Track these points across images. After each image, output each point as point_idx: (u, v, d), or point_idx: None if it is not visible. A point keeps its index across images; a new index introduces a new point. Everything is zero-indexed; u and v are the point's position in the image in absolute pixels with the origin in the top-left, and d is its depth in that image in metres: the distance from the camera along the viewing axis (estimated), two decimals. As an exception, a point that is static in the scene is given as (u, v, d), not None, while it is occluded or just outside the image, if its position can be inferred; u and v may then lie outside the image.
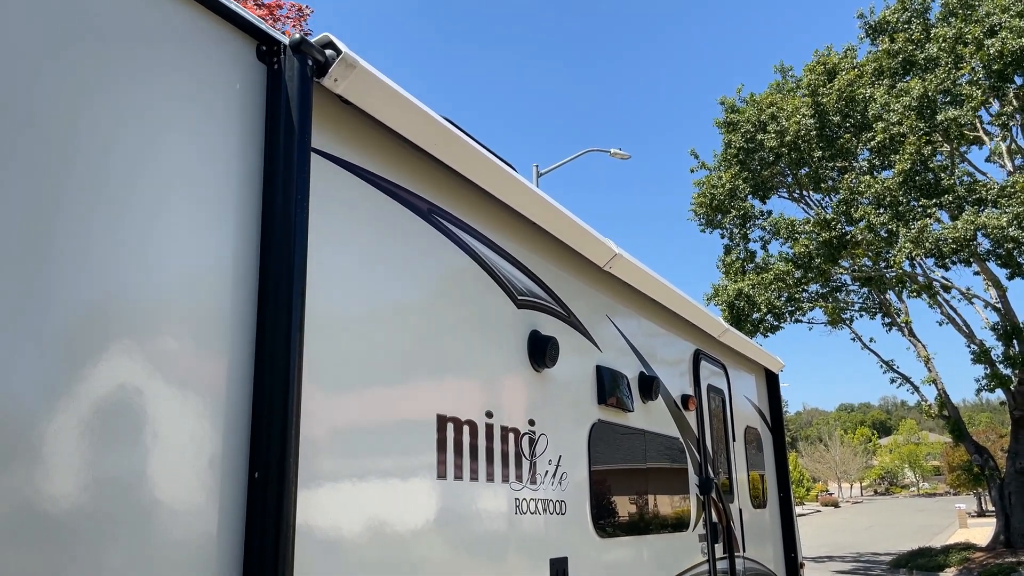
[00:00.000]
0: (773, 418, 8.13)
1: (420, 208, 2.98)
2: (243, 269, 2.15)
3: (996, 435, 50.90)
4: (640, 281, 4.88)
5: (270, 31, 2.34)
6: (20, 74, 1.71)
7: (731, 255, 24.21)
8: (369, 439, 2.56)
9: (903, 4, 21.30)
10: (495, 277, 3.42)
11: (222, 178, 2.15)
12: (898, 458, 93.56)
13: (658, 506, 4.79)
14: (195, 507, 1.93)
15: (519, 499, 3.32)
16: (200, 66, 2.15)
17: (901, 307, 24.01)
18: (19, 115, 1.69)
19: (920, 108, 18.88)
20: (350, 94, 2.53)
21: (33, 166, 1.70)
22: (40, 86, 1.74)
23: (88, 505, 1.71)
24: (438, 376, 2.96)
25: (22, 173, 1.68)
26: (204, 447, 1.98)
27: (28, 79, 1.72)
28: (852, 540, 32.19)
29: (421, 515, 2.75)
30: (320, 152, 2.47)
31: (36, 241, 1.68)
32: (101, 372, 1.77)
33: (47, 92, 1.76)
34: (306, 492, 2.20)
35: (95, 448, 1.73)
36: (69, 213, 1.75)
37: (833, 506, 69.50)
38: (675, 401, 5.32)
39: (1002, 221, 17.41)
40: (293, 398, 2.10)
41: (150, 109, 1.98)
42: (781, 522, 7.80)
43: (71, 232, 1.75)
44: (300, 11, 15.66)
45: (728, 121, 22.74)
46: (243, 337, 2.12)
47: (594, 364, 4.23)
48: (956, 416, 23.37)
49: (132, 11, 1.97)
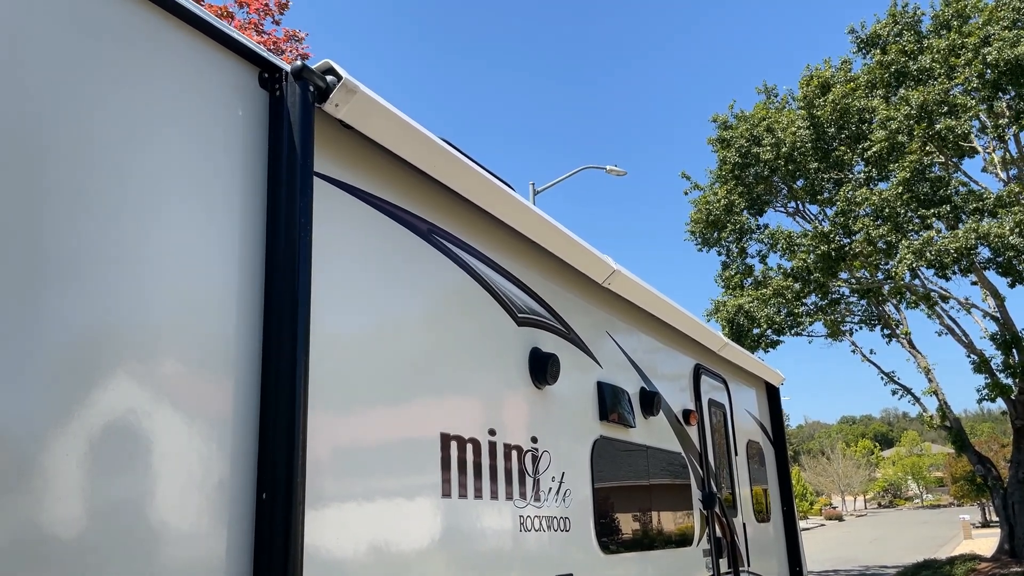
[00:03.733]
0: (775, 432, 8.13)
1: (421, 229, 3.02)
2: (248, 292, 2.18)
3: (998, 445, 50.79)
4: (639, 297, 4.91)
5: (272, 58, 2.38)
6: (26, 101, 1.74)
7: (729, 270, 24.24)
8: (374, 459, 2.58)
9: (894, 18, 21.47)
10: (495, 295, 3.45)
11: (226, 202, 2.18)
12: (901, 470, 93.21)
13: (662, 522, 4.80)
14: (204, 529, 1.95)
15: (523, 516, 3.34)
16: (203, 93, 2.19)
17: (900, 318, 24.02)
18: (25, 143, 1.73)
19: (919, 117, 18.98)
20: (351, 118, 2.57)
21: (39, 192, 1.73)
22: (46, 111, 1.78)
23: (97, 529, 1.72)
24: (441, 395, 2.99)
25: (27, 199, 1.71)
26: (212, 469, 2.00)
27: (34, 106, 1.76)
28: (857, 553, 32.02)
29: (426, 534, 2.77)
30: (322, 176, 2.50)
31: (43, 266, 1.71)
32: (109, 396, 1.79)
33: (53, 117, 1.79)
34: (312, 512, 2.22)
35: (103, 471, 1.75)
36: (76, 239, 1.78)
37: (837, 519, 69.18)
38: (676, 416, 5.33)
39: (1003, 229, 17.48)
40: (299, 419, 2.12)
41: (154, 135, 2.01)
42: (785, 536, 7.78)
43: (78, 256, 1.78)
44: (294, 36, 15.75)
45: (721, 138, 22.84)
46: (249, 359, 2.14)
47: (595, 380, 4.25)
48: (958, 427, 23.32)
49: (135, 39, 2.01)
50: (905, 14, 21.39)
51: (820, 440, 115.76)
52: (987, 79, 18.26)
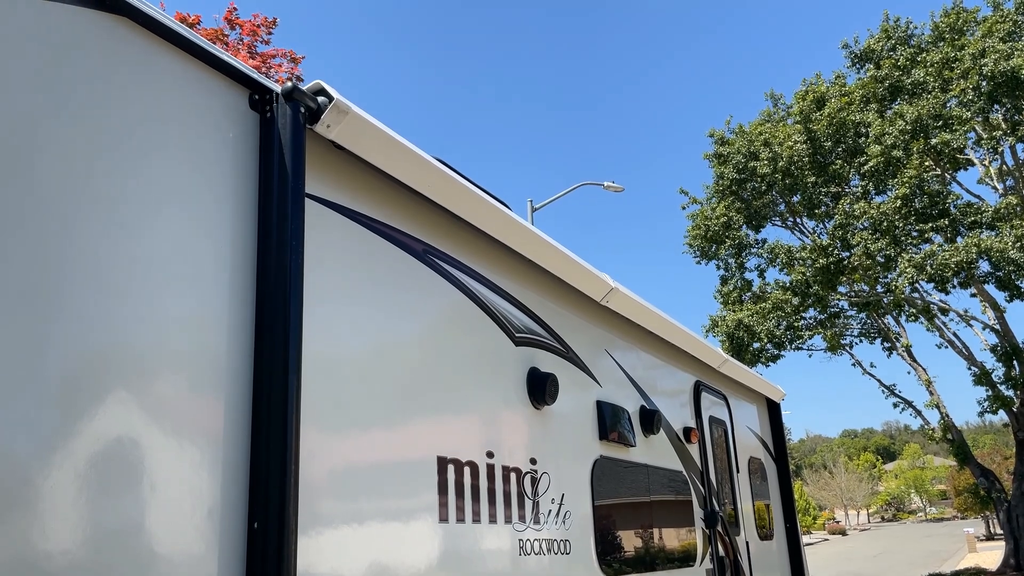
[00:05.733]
0: (776, 447, 8.08)
1: (415, 249, 2.99)
2: (239, 315, 2.15)
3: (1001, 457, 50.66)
4: (638, 314, 4.88)
5: (262, 80, 2.37)
6: (13, 125, 1.72)
7: (728, 285, 24.24)
8: (369, 483, 2.54)
9: (887, 33, 21.60)
10: (492, 315, 3.42)
11: (217, 224, 2.15)
12: (904, 483, 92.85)
13: (664, 541, 4.74)
14: (194, 559, 1.91)
15: (522, 539, 3.29)
16: (194, 116, 2.17)
17: (900, 331, 23.99)
18: (13, 166, 1.70)
19: (914, 132, 19.05)
20: (343, 139, 2.55)
21: (29, 215, 1.71)
22: (34, 134, 1.75)
23: (86, 558, 1.68)
24: (437, 417, 2.95)
25: (17, 222, 1.68)
26: (203, 497, 1.96)
27: (21, 129, 1.73)
28: (862, 569, 31.81)
29: (423, 559, 2.72)
30: (314, 197, 2.48)
31: (34, 289, 1.68)
32: (98, 422, 1.76)
33: (42, 140, 1.76)
34: (306, 539, 2.18)
35: (92, 500, 1.71)
36: (66, 260, 1.76)
37: (840, 534, 68.83)
38: (677, 434, 5.29)
39: (1005, 244, 17.51)
40: (291, 445, 2.09)
41: (145, 157, 1.99)
42: (789, 553, 7.72)
43: (68, 278, 1.75)
44: (292, 58, 15.87)
45: (718, 153, 22.90)
46: (240, 384, 2.11)
47: (594, 399, 4.21)
48: (960, 439, 23.23)
49: (125, 62, 1.99)
50: (898, 28, 21.52)
51: (822, 454, 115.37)
52: (982, 91, 18.34)
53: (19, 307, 1.65)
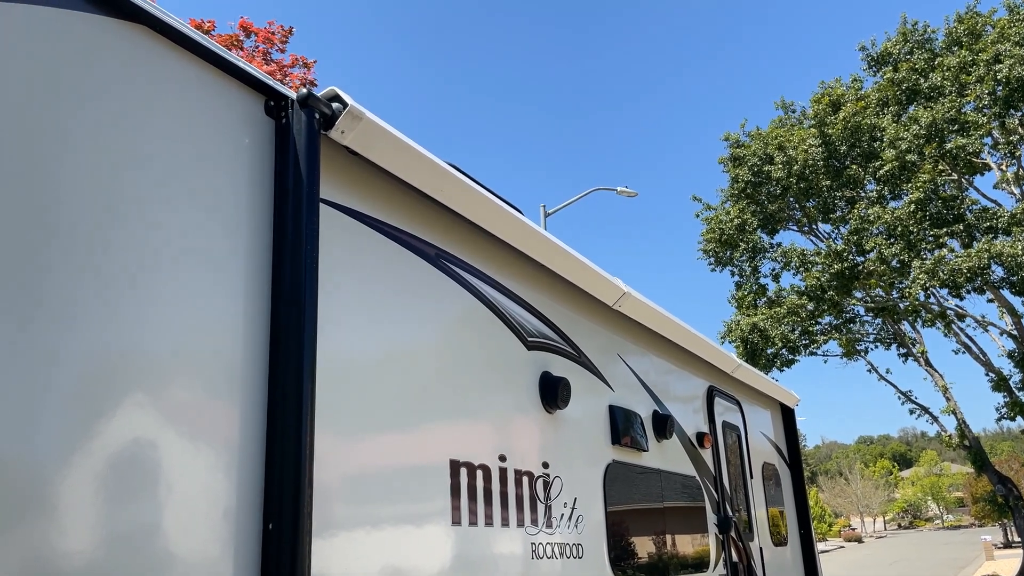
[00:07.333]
0: (790, 453, 8.04)
1: (428, 254, 3.01)
2: (254, 320, 2.17)
3: (1019, 463, 50.17)
4: (650, 319, 4.87)
5: (278, 86, 2.39)
6: (32, 133, 1.75)
7: (742, 290, 24.15)
8: (383, 486, 2.55)
9: (904, 36, 21.49)
10: (505, 320, 3.43)
11: (232, 230, 2.18)
12: (920, 490, 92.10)
13: (677, 546, 4.73)
14: (210, 560, 1.93)
15: (535, 543, 3.29)
16: (209, 121, 2.19)
17: (916, 337, 23.82)
18: (31, 175, 1.73)
19: (929, 136, 18.94)
20: (357, 145, 2.57)
21: (47, 222, 1.73)
22: (51, 142, 1.78)
23: (102, 561, 1.70)
24: (450, 421, 2.96)
25: (35, 229, 1.71)
26: (218, 499, 1.98)
27: (39, 137, 1.76)
28: (878, 576, 31.54)
29: (436, 562, 2.73)
30: (328, 202, 2.50)
31: (51, 295, 1.70)
32: (114, 426, 1.78)
33: (59, 148, 1.79)
34: (320, 541, 2.19)
35: (109, 503, 1.73)
36: (83, 266, 1.78)
37: (856, 541, 68.31)
38: (690, 439, 5.28)
39: (1016, 249, 17.37)
40: (306, 448, 2.10)
41: (161, 163, 2.02)
42: (803, 560, 7.67)
43: (84, 284, 1.77)
44: (304, 63, 15.96)
45: (733, 156, 22.84)
46: (255, 388, 2.13)
47: (607, 404, 4.22)
48: (977, 446, 23.04)
49: (141, 69, 2.02)
50: (915, 32, 21.41)
51: (838, 460, 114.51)
52: (998, 96, 18.21)
53: (40, 312, 1.68)
